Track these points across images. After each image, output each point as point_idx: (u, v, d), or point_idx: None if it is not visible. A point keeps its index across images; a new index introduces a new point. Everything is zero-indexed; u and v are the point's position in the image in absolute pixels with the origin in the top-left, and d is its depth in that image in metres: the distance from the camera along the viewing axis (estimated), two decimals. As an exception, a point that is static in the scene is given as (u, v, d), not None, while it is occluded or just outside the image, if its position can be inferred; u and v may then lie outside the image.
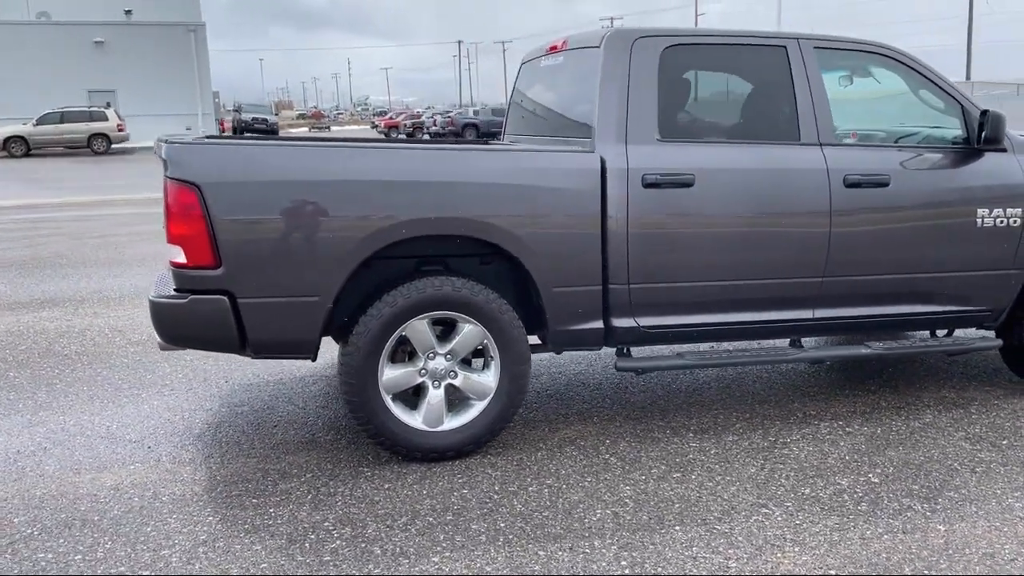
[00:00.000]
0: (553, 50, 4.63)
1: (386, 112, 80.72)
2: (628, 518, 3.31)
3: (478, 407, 3.85)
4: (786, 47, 4.17)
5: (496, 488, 3.57)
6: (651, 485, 3.60)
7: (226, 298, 3.50)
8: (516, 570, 2.95)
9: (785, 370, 5.17)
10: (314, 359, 3.79)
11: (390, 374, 3.73)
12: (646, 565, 2.98)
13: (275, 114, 55.78)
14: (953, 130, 4.43)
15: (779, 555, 3.04)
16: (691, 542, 3.13)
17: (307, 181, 3.56)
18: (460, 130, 38.44)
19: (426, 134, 43.77)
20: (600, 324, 3.95)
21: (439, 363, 3.79)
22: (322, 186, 3.57)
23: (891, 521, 3.27)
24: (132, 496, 3.51)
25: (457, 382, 3.83)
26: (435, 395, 3.80)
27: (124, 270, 8.62)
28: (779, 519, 3.30)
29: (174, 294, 3.55)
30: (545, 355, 4.91)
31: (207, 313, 3.52)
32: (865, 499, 3.46)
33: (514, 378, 3.84)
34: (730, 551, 3.07)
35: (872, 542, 3.12)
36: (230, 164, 3.54)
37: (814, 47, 4.20)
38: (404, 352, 3.82)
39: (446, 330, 3.82)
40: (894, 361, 5.26)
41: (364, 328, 3.63)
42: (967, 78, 40.85)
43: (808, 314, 4.20)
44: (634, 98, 3.93)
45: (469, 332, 3.77)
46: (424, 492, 3.54)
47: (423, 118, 52.42)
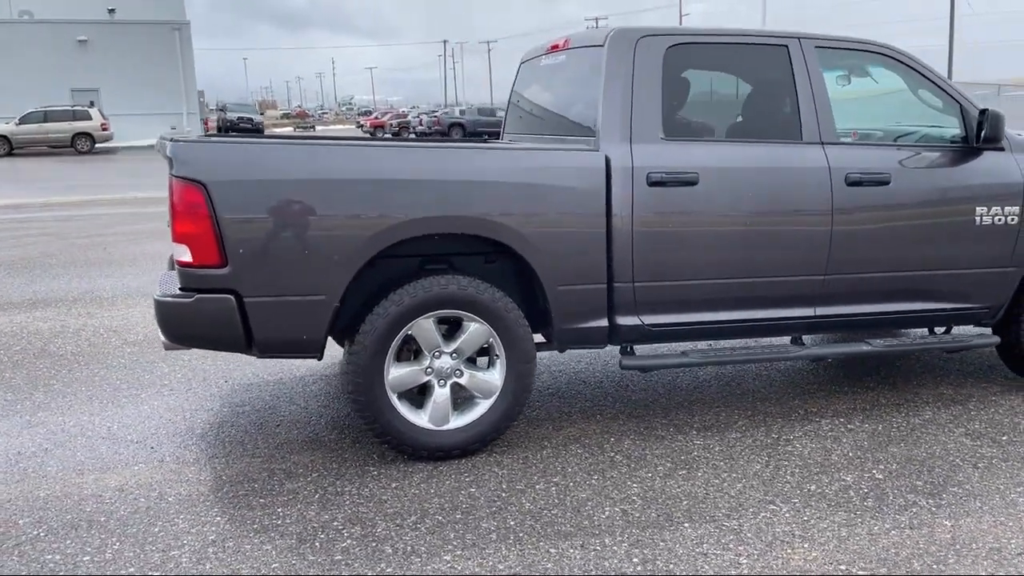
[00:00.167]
0: (555, 49, 4.63)
1: (371, 112, 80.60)
2: (637, 515, 3.32)
3: (484, 406, 3.85)
4: (788, 46, 4.19)
5: (504, 486, 3.57)
6: (658, 482, 3.61)
7: (232, 297, 3.48)
8: (528, 568, 2.95)
9: (783, 368, 5.20)
10: (320, 358, 3.78)
11: (396, 373, 3.72)
12: (658, 562, 2.99)
13: (260, 114, 55.48)
14: (951, 129, 4.47)
15: (789, 551, 3.06)
16: (701, 539, 3.14)
17: (314, 179, 3.54)
18: (446, 129, 38.35)
19: (412, 133, 43.66)
20: (605, 322, 3.96)
21: (445, 362, 3.79)
22: (329, 184, 3.56)
23: (898, 517, 3.30)
24: (138, 497, 3.49)
25: (463, 381, 3.83)
26: (441, 394, 3.80)
27: (115, 270, 8.55)
28: (787, 515, 3.32)
29: (180, 293, 3.52)
30: (545, 353, 4.91)
31: (213, 312, 3.50)
32: (871, 495, 3.48)
33: (520, 376, 3.85)
34: (740, 548, 3.08)
35: (880, 537, 3.15)
36: (237, 162, 3.52)
37: (815, 46, 4.23)
38: (409, 351, 3.81)
39: (451, 329, 3.82)
40: (892, 358, 5.30)
41: (371, 327, 3.62)
42: (948, 78, 41.11)
43: (810, 312, 4.23)
44: (638, 97, 3.94)
45: (475, 331, 3.77)
46: (432, 491, 3.54)
47: (409, 118, 52.38)
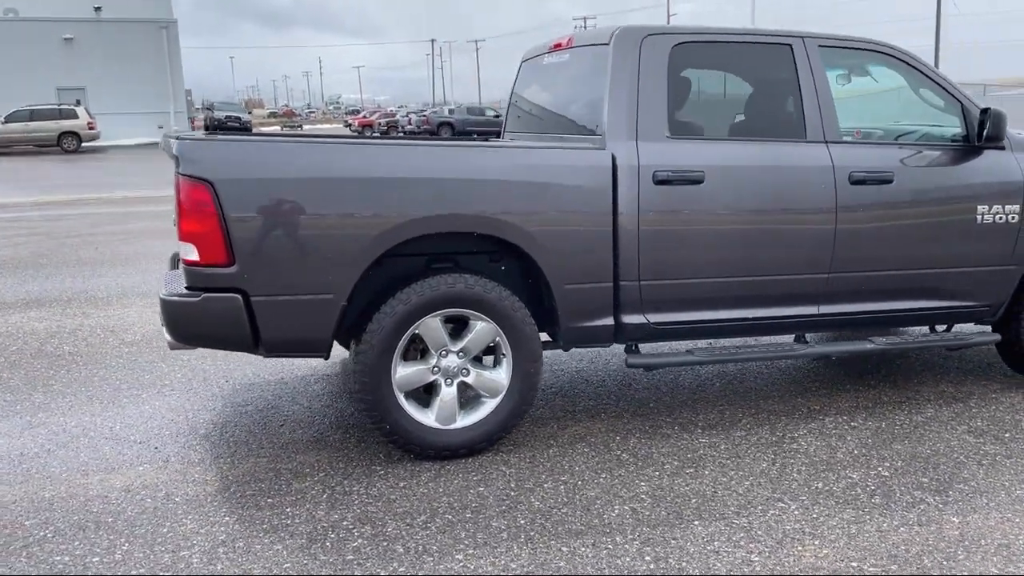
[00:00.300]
0: (557, 48, 4.62)
1: (359, 111, 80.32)
2: (647, 514, 3.32)
3: (490, 404, 3.85)
4: (792, 45, 4.20)
5: (512, 485, 3.57)
6: (666, 481, 3.62)
7: (240, 296, 3.46)
8: (541, 567, 2.95)
9: (785, 366, 5.22)
10: (327, 358, 3.76)
11: (403, 372, 3.71)
12: (670, 560, 2.99)
13: (248, 112, 55.20)
14: (952, 128, 4.49)
15: (800, 548, 3.07)
16: (712, 537, 3.15)
17: (322, 178, 3.53)
18: (435, 129, 38.31)
19: (400, 132, 43.56)
20: (611, 320, 3.96)
21: (451, 361, 3.78)
22: (336, 183, 3.54)
23: (906, 514, 3.32)
24: (144, 497, 3.46)
25: (469, 379, 3.82)
26: (448, 393, 3.79)
27: (108, 270, 8.49)
28: (796, 513, 3.33)
29: (186, 292, 3.49)
30: (546, 352, 4.90)
31: (220, 311, 3.47)
32: (878, 492, 3.50)
33: (526, 375, 3.84)
34: (751, 545, 3.09)
35: (889, 534, 3.16)
36: (243, 160, 3.50)
37: (819, 45, 4.24)
38: (416, 350, 3.80)
39: (458, 327, 3.81)
40: (893, 356, 5.33)
41: (378, 326, 3.61)
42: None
43: (814, 310, 4.24)
44: (644, 96, 3.94)
45: (481, 329, 3.77)
46: (440, 490, 3.53)
47: (398, 117, 52.24)
